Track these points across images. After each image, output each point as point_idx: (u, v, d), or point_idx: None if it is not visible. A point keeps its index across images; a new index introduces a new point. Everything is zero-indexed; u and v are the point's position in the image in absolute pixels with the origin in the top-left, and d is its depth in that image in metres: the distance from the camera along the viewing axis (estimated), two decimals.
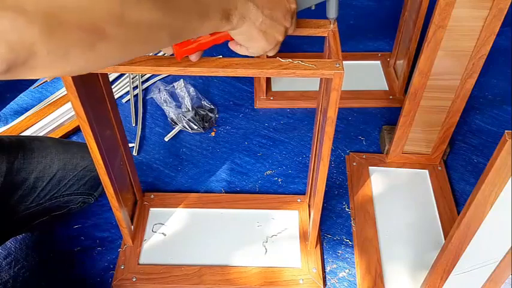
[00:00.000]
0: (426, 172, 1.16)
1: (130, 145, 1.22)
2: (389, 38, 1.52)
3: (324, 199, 0.90)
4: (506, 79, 1.42)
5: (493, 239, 0.68)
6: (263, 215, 1.07)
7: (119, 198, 0.89)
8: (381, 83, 1.40)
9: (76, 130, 1.26)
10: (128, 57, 0.50)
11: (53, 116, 1.28)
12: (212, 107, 1.32)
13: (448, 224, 1.05)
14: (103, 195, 0.99)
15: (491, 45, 0.91)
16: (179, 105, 1.30)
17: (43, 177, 0.93)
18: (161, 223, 1.05)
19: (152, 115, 1.33)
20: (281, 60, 0.66)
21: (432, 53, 0.94)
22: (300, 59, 0.66)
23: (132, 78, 1.41)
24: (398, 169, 1.17)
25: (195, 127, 1.26)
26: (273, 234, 1.03)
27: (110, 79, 1.41)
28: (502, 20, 0.87)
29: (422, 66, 0.96)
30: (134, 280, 0.95)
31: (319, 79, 0.85)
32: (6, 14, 0.38)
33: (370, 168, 1.17)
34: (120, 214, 0.90)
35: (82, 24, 0.42)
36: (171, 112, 1.28)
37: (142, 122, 1.30)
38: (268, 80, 1.38)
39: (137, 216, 1.04)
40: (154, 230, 1.04)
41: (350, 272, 1.00)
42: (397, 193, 1.12)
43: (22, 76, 0.42)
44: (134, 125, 1.30)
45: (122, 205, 0.91)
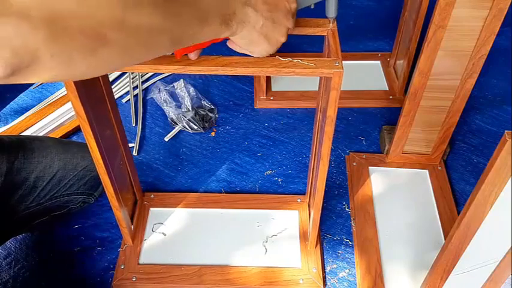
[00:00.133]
0: (426, 172, 1.16)
1: (130, 145, 1.22)
2: (389, 38, 1.52)
3: (324, 199, 0.90)
4: (506, 79, 1.42)
5: (493, 239, 0.68)
6: (263, 215, 1.07)
7: (119, 198, 0.89)
8: (381, 83, 1.40)
9: (76, 130, 1.26)
10: (129, 62, 0.51)
11: (53, 116, 1.28)
12: (212, 107, 1.32)
13: (448, 224, 1.05)
14: (103, 195, 0.99)
15: (491, 45, 0.91)
16: (179, 105, 1.30)
17: (43, 177, 0.94)
18: (161, 223, 1.05)
19: (152, 115, 1.33)
20: (280, 59, 0.66)
21: (432, 53, 0.94)
22: (300, 58, 0.66)
23: (132, 78, 1.41)
24: (398, 169, 1.17)
25: (195, 127, 1.26)
26: (273, 234, 1.03)
27: (110, 79, 1.41)
28: (502, 20, 0.87)
29: (422, 66, 0.96)
30: (134, 280, 0.95)
31: (318, 79, 0.85)
32: (10, 20, 0.38)
33: (370, 168, 1.17)
34: (120, 214, 0.90)
35: (84, 29, 0.43)
36: (171, 112, 1.28)
37: (142, 122, 1.30)
38: (268, 80, 1.38)
39: (137, 216, 1.04)
40: (154, 230, 1.04)
41: (350, 272, 1.00)
42: (397, 193, 1.12)
43: (25, 80, 0.43)
44: (134, 125, 1.30)
45: (122, 205, 0.91)
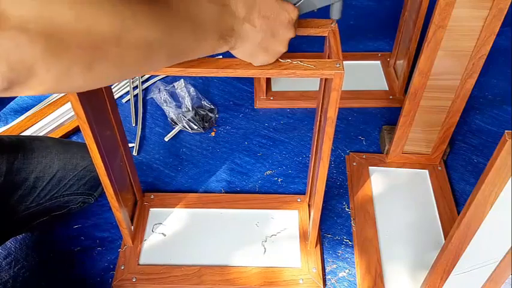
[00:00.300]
0: (426, 172, 1.16)
1: (130, 145, 1.22)
2: (389, 38, 1.52)
3: (324, 199, 0.90)
4: (506, 79, 1.42)
5: (493, 239, 0.68)
6: (263, 215, 1.07)
7: (119, 198, 0.89)
8: (381, 83, 1.40)
9: (76, 130, 1.26)
10: (126, 76, 0.50)
11: (53, 116, 1.28)
12: (212, 107, 1.31)
13: (448, 224, 1.05)
14: (103, 195, 0.99)
15: (491, 45, 0.91)
16: (179, 105, 1.30)
17: (43, 177, 0.93)
18: (161, 223, 1.05)
19: (152, 115, 1.33)
20: (281, 60, 0.66)
21: (432, 53, 0.94)
22: (300, 59, 0.66)
23: (132, 78, 1.41)
24: (398, 169, 1.17)
25: (195, 127, 1.26)
26: (273, 234, 1.03)
27: None
28: (502, 20, 0.87)
29: (422, 66, 0.96)
30: (134, 280, 0.95)
31: (319, 79, 0.85)
32: (8, 34, 0.38)
33: (370, 168, 1.17)
34: (120, 214, 0.90)
35: (82, 44, 0.42)
36: (171, 112, 1.28)
37: (142, 122, 1.30)
38: (268, 80, 1.37)
39: (137, 216, 1.04)
40: (154, 230, 1.04)
41: (350, 272, 1.00)
42: (397, 193, 1.12)
43: (21, 93, 0.43)
44: (134, 125, 1.30)
45: (122, 205, 0.91)
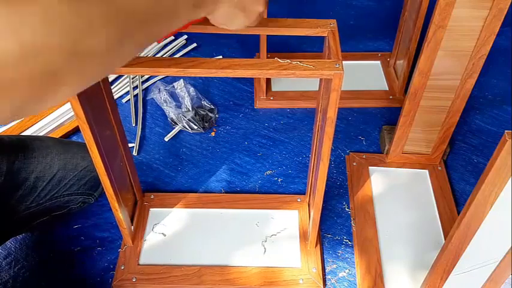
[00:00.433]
0: (426, 172, 1.16)
1: (130, 145, 1.22)
2: (389, 38, 1.52)
3: (324, 199, 0.90)
4: (506, 79, 1.42)
5: (493, 239, 0.68)
6: (263, 215, 1.07)
7: (119, 198, 0.89)
8: (381, 83, 1.40)
9: (76, 130, 1.26)
10: (95, 80, 0.46)
11: (53, 116, 1.28)
12: (212, 107, 1.31)
13: (448, 224, 1.05)
14: (103, 195, 0.99)
15: (491, 45, 0.91)
16: (179, 105, 1.30)
17: (43, 177, 0.94)
18: (161, 223, 1.05)
19: (152, 115, 1.33)
20: (280, 61, 0.66)
21: (432, 53, 0.94)
22: (299, 60, 0.66)
23: (132, 78, 1.41)
24: (398, 169, 1.17)
25: (195, 127, 1.26)
26: (273, 234, 1.03)
27: (110, 79, 1.41)
28: (502, 20, 0.87)
29: (422, 66, 0.96)
30: (134, 280, 0.95)
31: (319, 79, 0.85)
32: None
33: (370, 168, 1.17)
34: (119, 215, 0.90)
35: (32, 78, 0.36)
36: (171, 112, 1.28)
37: (142, 122, 1.30)
38: (268, 80, 1.37)
39: (137, 216, 1.04)
40: (154, 230, 1.04)
41: (350, 272, 1.00)
42: (397, 193, 1.12)
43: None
44: (134, 125, 1.30)
45: (122, 205, 0.91)
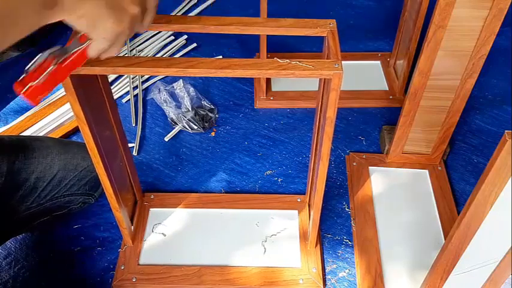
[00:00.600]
0: (426, 172, 1.16)
1: (130, 145, 1.22)
2: (389, 38, 1.52)
3: (324, 199, 0.90)
4: (506, 79, 1.42)
5: (493, 239, 0.68)
6: (263, 215, 1.06)
7: (119, 199, 0.89)
8: (381, 83, 1.39)
9: (76, 130, 1.26)
10: None
11: (53, 116, 1.28)
12: (212, 107, 1.31)
13: (448, 224, 1.05)
14: (103, 195, 0.99)
15: (491, 45, 0.91)
16: (179, 105, 1.30)
17: (44, 177, 0.94)
18: (161, 223, 1.05)
19: (152, 115, 1.33)
20: (279, 61, 0.66)
21: (432, 53, 0.94)
22: (299, 60, 0.66)
23: (132, 78, 1.41)
24: (398, 169, 1.17)
25: (195, 127, 1.26)
26: (273, 234, 1.03)
27: (110, 79, 1.41)
28: (502, 20, 0.87)
29: (422, 66, 0.96)
30: (134, 280, 0.95)
31: (318, 79, 0.85)
32: None
33: (370, 168, 1.17)
34: (119, 215, 0.90)
35: None
36: (171, 112, 1.28)
37: (142, 122, 1.30)
38: (268, 80, 1.37)
39: (137, 216, 1.04)
40: (154, 230, 1.04)
41: (350, 272, 1.00)
42: (397, 193, 1.12)
43: None
44: (134, 125, 1.30)
45: (122, 206, 0.91)
